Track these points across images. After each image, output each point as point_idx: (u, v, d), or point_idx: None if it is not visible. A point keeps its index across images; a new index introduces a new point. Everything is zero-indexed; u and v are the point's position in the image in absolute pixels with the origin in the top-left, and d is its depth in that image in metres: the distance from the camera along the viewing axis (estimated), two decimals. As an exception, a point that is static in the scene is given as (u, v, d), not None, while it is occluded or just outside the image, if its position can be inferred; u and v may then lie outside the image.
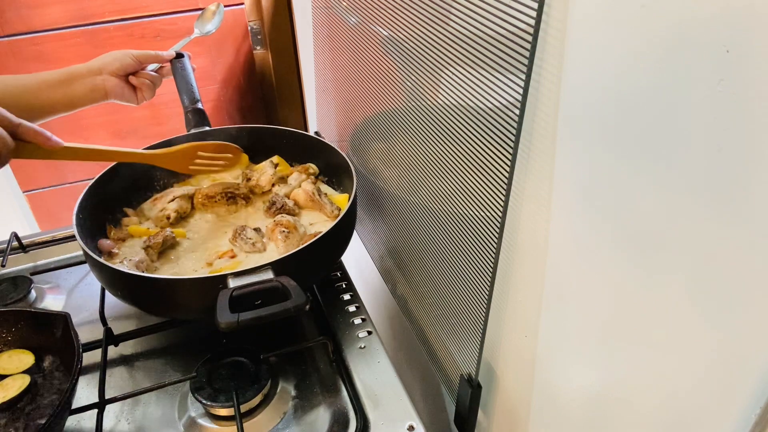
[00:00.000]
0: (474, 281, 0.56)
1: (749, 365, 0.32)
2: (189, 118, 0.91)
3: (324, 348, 0.74)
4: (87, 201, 0.77)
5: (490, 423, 0.69)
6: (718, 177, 0.31)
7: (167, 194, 0.88)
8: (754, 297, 0.31)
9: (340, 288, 0.85)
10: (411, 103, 0.63)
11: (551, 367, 0.53)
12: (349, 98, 0.87)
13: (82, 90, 0.83)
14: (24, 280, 0.83)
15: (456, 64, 0.51)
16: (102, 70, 0.84)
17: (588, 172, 0.41)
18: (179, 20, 1.49)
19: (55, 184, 1.56)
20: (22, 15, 1.34)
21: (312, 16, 0.97)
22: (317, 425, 0.65)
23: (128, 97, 0.87)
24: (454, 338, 0.67)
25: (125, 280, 0.68)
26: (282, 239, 0.76)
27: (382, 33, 0.67)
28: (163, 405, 0.67)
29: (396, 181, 0.76)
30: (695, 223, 0.34)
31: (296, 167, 0.93)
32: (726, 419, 0.35)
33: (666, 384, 0.40)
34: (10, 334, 0.69)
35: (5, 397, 0.62)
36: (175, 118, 0.94)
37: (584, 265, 0.44)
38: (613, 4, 0.35)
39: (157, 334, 0.77)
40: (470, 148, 0.51)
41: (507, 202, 0.48)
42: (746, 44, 0.28)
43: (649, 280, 0.38)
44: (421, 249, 0.70)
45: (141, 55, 0.87)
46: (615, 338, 0.43)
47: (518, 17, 0.40)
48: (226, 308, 0.57)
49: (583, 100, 0.39)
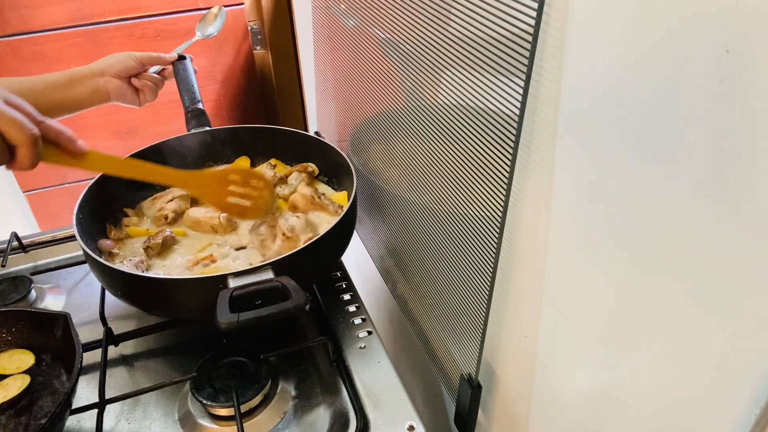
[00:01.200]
0: (474, 281, 0.56)
1: (749, 365, 0.32)
2: (189, 117, 0.91)
3: (324, 348, 0.74)
4: (87, 201, 0.77)
5: (490, 423, 0.69)
6: (718, 177, 0.31)
7: (167, 194, 0.88)
8: (754, 297, 0.31)
9: (340, 288, 0.85)
10: (411, 103, 0.63)
11: (551, 367, 0.53)
12: (349, 98, 0.87)
13: (85, 92, 0.83)
14: (24, 280, 0.83)
15: (456, 65, 0.51)
16: (104, 72, 0.84)
17: (588, 172, 0.41)
18: (179, 20, 1.48)
19: (55, 184, 1.56)
20: (22, 15, 1.34)
21: (312, 16, 0.97)
22: (317, 425, 0.65)
23: (130, 99, 0.88)
24: (454, 338, 0.67)
25: (125, 280, 0.68)
26: (283, 239, 0.76)
27: (382, 33, 0.67)
28: (163, 405, 0.67)
29: (396, 181, 0.76)
30: (695, 223, 0.34)
31: (295, 166, 0.93)
32: (726, 419, 0.35)
33: (666, 384, 0.40)
34: (10, 334, 0.69)
35: (5, 397, 0.62)
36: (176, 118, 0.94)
37: (584, 265, 0.44)
38: (613, 5, 0.35)
39: (157, 334, 0.77)
40: (470, 148, 0.51)
41: (507, 202, 0.48)
42: (746, 44, 0.28)
43: (649, 280, 0.38)
44: (421, 249, 0.70)
45: (143, 57, 0.87)
46: (615, 338, 0.43)
47: (518, 18, 0.40)
48: (227, 308, 0.57)
49: (583, 100, 0.39)
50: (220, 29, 0.98)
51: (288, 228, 0.76)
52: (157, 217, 0.84)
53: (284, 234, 0.75)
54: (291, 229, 0.76)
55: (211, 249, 0.79)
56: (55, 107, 0.81)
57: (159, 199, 0.88)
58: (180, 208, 0.85)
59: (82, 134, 0.61)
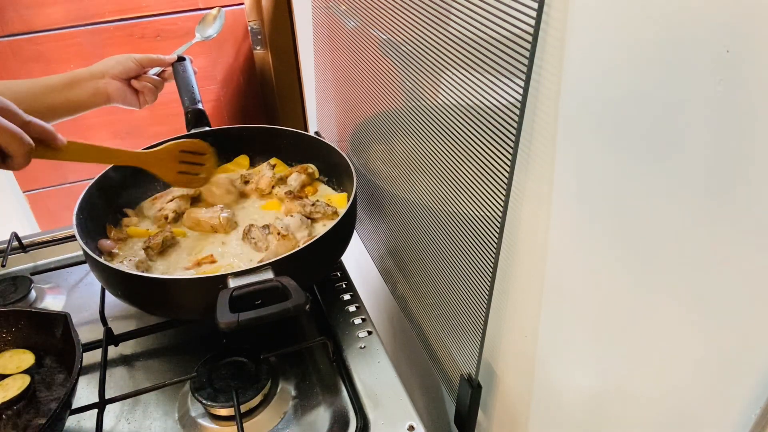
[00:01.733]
0: (474, 281, 0.56)
1: (749, 365, 0.32)
2: (189, 118, 0.91)
3: (324, 348, 0.74)
4: (87, 201, 0.77)
5: (490, 423, 0.69)
6: (718, 177, 0.31)
7: (167, 194, 0.88)
8: (754, 297, 0.31)
9: (340, 288, 0.85)
10: (411, 103, 0.63)
11: (551, 366, 0.53)
12: (349, 98, 0.87)
13: (85, 94, 0.83)
14: (24, 280, 0.83)
15: (456, 65, 0.51)
16: (104, 74, 0.84)
17: (588, 172, 0.41)
18: (179, 20, 1.49)
19: (55, 184, 1.56)
20: (22, 15, 1.34)
21: (312, 16, 0.97)
22: (317, 425, 0.65)
23: (130, 101, 0.88)
24: (454, 338, 0.67)
25: (125, 280, 0.68)
26: (278, 239, 0.76)
27: (382, 33, 0.67)
28: (163, 405, 0.67)
29: (396, 181, 0.76)
30: (695, 222, 0.34)
31: (295, 167, 0.93)
32: (726, 419, 0.35)
33: (666, 384, 0.40)
34: (10, 334, 0.69)
35: (5, 397, 0.62)
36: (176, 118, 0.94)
37: (584, 264, 0.44)
38: (613, 5, 0.35)
39: (157, 334, 0.77)
40: (470, 148, 0.51)
41: (507, 202, 0.48)
42: (746, 44, 0.28)
43: (650, 279, 0.38)
44: (421, 249, 0.70)
45: (143, 59, 0.87)
46: (615, 338, 0.43)
47: (518, 18, 0.40)
48: (227, 308, 0.57)
49: (583, 100, 0.39)
50: (219, 31, 0.99)
51: (283, 227, 0.76)
52: (157, 217, 0.84)
53: (279, 233, 0.76)
54: (286, 228, 0.76)
55: (211, 249, 0.79)
56: (54, 110, 0.81)
57: (159, 200, 0.88)
58: (180, 207, 0.85)
59: (82, 134, 0.62)
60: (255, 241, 0.77)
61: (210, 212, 0.83)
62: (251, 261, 0.76)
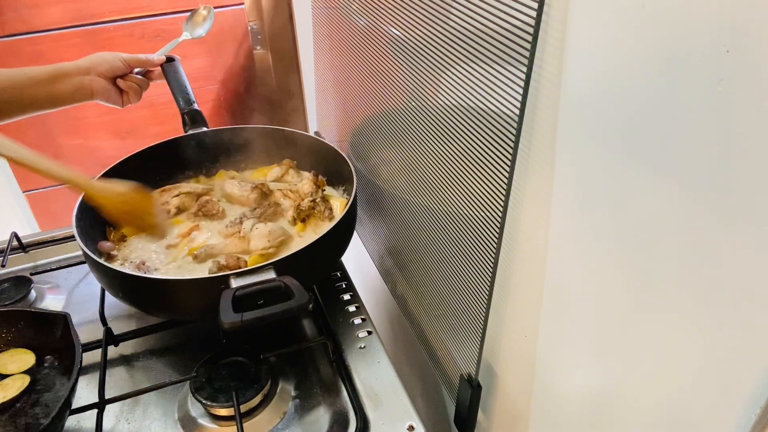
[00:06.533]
0: (474, 281, 0.56)
1: (749, 365, 0.32)
2: (186, 119, 0.91)
3: (324, 348, 0.74)
4: (87, 203, 0.77)
5: (490, 423, 0.69)
6: (718, 177, 0.31)
7: (174, 188, 0.89)
8: (753, 297, 0.31)
9: (340, 288, 0.85)
10: (411, 103, 0.63)
11: (551, 367, 0.53)
12: (349, 98, 0.87)
13: (68, 89, 0.81)
14: (24, 280, 0.83)
15: (456, 63, 0.51)
16: (90, 70, 0.83)
17: (588, 172, 0.41)
18: (179, 20, 1.48)
19: (55, 184, 1.56)
20: (22, 15, 1.34)
21: (312, 16, 0.97)
22: (317, 425, 0.65)
23: (114, 100, 0.86)
24: (454, 338, 0.67)
25: (125, 281, 0.68)
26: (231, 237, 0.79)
27: (382, 32, 0.67)
28: (163, 405, 0.67)
29: (396, 181, 0.76)
30: (695, 222, 0.34)
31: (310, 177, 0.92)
32: (726, 419, 0.35)
33: (666, 384, 0.40)
34: (10, 334, 0.69)
35: (5, 397, 0.62)
36: (175, 118, 0.94)
37: (584, 264, 0.44)
38: (613, 4, 0.35)
39: (157, 334, 0.77)
40: (470, 148, 0.51)
41: (507, 202, 0.48)
42: (746, 44, 0.28)
43: (649, 279, 0.38)
44: (421, 249, 0.70)
45: (131, 59, 0.86)
46: (615, 338, 0.43)
47: (518, 16, 0.40)
48: (230, 308, 0.57)
49: (583, 100, 0.39)
50: (208, 30, 0.97)
51: (245, 228, 0.79)
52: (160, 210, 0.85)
53: (239, 232, 0.78)
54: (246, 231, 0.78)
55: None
56: (35, 102, 0.79)
57: (167, 192, 0.88)
58: (183, 204, 0.86)
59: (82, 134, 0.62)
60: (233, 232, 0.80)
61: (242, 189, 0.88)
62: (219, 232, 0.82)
